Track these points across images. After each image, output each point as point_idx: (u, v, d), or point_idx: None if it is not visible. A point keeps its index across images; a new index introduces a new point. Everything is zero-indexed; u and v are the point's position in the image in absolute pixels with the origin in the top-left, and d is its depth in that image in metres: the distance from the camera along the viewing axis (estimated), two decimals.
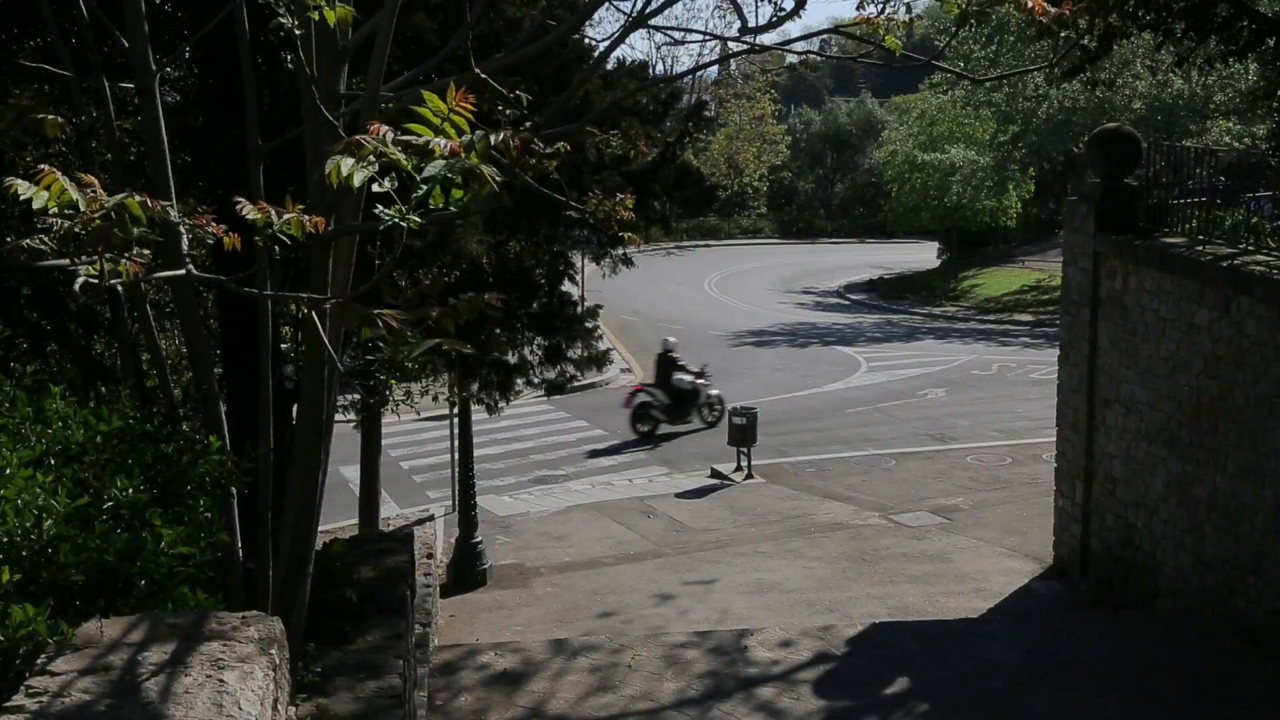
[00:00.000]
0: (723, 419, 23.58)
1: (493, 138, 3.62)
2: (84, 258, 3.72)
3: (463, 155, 3.51)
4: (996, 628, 12.77)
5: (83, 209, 3.50)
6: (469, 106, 3.62)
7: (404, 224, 3.71)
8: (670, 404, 24.72)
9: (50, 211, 3.52)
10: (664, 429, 24.62)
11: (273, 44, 10.24)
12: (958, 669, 11.04)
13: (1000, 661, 11.22)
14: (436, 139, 3.54)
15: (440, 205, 3.68)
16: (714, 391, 25.38)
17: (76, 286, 3.67)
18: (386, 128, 3.62)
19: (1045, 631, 12.32)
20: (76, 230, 3.52)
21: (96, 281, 3.68)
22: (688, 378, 25.01)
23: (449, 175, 3.51)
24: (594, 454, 23.38)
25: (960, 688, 10.66)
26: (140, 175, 11.06)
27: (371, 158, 3.57)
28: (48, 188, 3.48)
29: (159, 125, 6.48)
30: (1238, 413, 11.47)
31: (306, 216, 4.03)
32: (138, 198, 3.61)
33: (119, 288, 7.99)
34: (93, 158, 8.16)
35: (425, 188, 3.59)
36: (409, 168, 3.56)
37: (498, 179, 3.56)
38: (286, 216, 3.93)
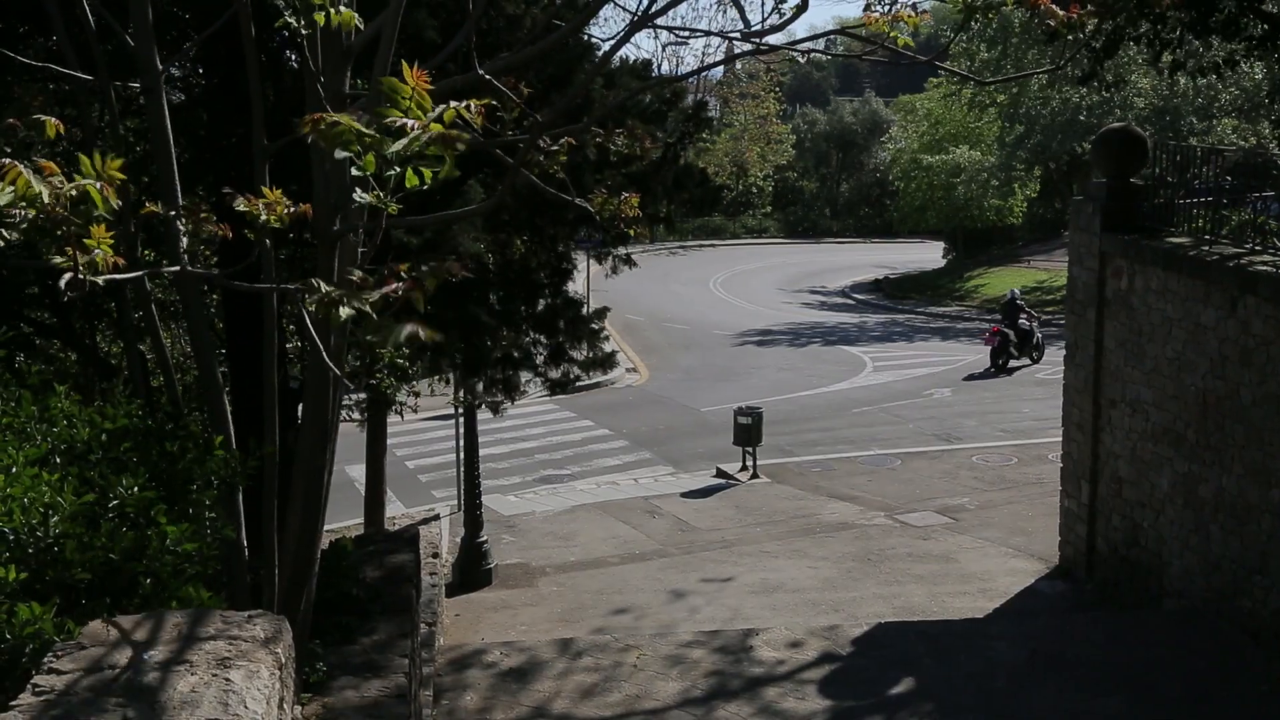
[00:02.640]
0: (1043, 357, 29.88)
1: (457, 108, 3.64)
2: (55, 251, 3.73)
3: (429, 127, 3.54)
4: (1002, 628, 12.75)
5: (46, 200, 3.50)
6: (426, 84, 3.66)
7: (383, 208, 3.76)
8: (1017, 341, 29.86)
9: (19, 205, 3.52)
10: (1013, 363, 29.85)
11: (277, 43, 10.25)
12: (963, 669, 11.03)
13: (1005, 661, 11.21)
14: (406, 119, 3.57)
15: (415, 186, 3.71)
16: (1039, 334, 30.49)
17: (62, 283, 3.67)
18: (361, 112, 3.66)
19: (1050, 631, 12.30)
20: (39, 221, 3.53)
21: (81, 277, 3.68)
22: (1026, 321, 30.23)
23: (415, 150, 3.54)
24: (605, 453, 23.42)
25: (965, 687, 10.65)
26: (145, 174, 11.08)
27: (353, 139, 3.60)
28: (13, 182, 3.47)
29: (165, 125, 6.48)
30: (1244, 413, 11.44)
31: (296, 205, 4.06)
32: (98, 185, 3.61)
33: (126, 287, 8.01)
34: (99, 157, 8.16)
35: (397, 169, 3.62)
36: (388, 150, 3.58)
37: (460, 145, 3.58)
38: (271, 201, 3.96)
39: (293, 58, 10.87)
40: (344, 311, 3.90)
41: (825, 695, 10.56)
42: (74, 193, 3.55)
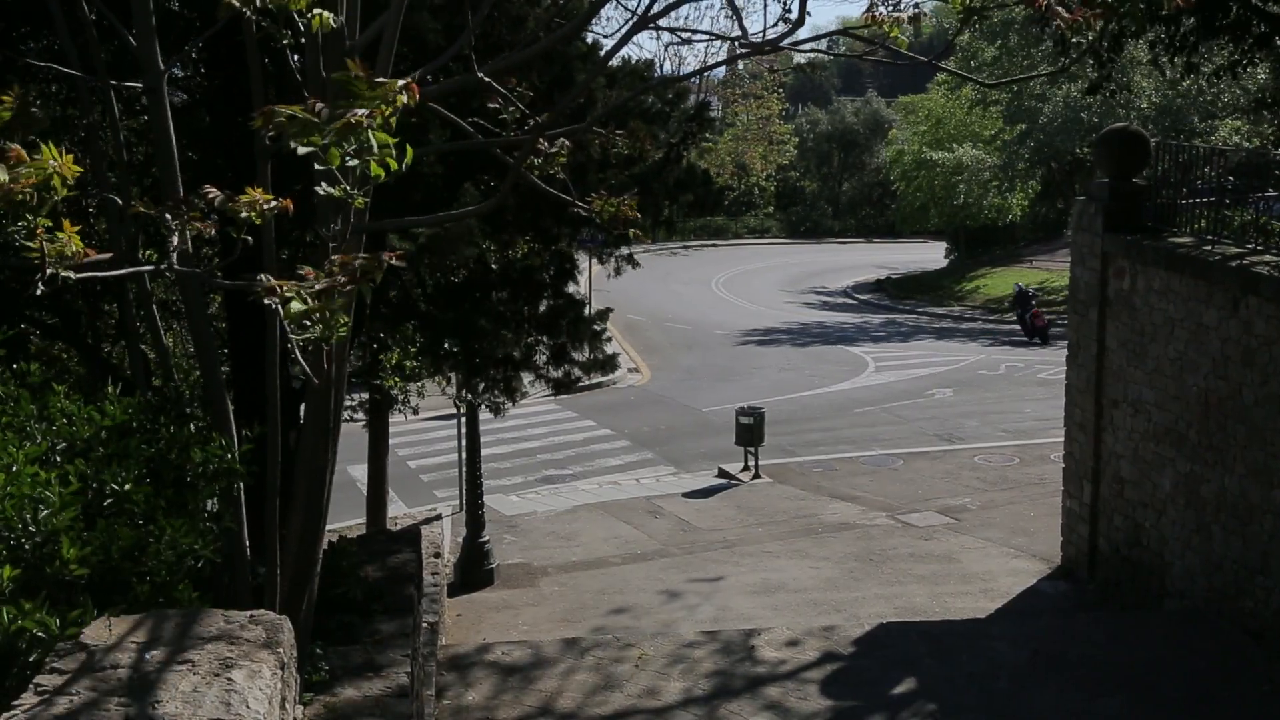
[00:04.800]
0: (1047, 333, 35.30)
1: (402, 97, 3.66)
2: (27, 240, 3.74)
3: (374, 116, 3.56)
4: (1003, 628, 12.75)
5: (8, 184, 3.51)
6: (366, 74, 3.70)
7: (350, 200, 3.79)
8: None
9: None
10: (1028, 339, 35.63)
11: (280, 43, 10.24)
12: (964, 669, 11.03)
13: (1007, 661, 11.20)
14: (357, 110, 3.59)
15: (380, 176, 3.74)
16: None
17: (38, 278, 3.68)
18: (322, 104, 3.67)
19: (1052, 632, 12.29)
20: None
21: (55, 272, 3.69)
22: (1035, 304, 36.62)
23: (355, 136, 3.57)
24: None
25: (967, 688, 10.65)
26: (148, 174, 11.10)
27: (318, 135, 3.62)
28: None
29: (167, 125, 6.49)
30: (1246, 413, 11.44)
31: (277, 200, 4.07)
32: (55, 165, 3.63)
33: (129, 286, 8.02)
34: (101, 157, 8.18)
35: (357, 161, 3.64)
36: (320, 139, 3.60)
37: (376, 135, 3.60)
38: (253, 199, 3.97)
39: (296, 58, 10.87)
40: (295, 306, 3.93)
41: (827, 695, 10.56)
42: (35, 178, 3.56)
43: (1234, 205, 13.08)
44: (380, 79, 3.64)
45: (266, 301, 3.94)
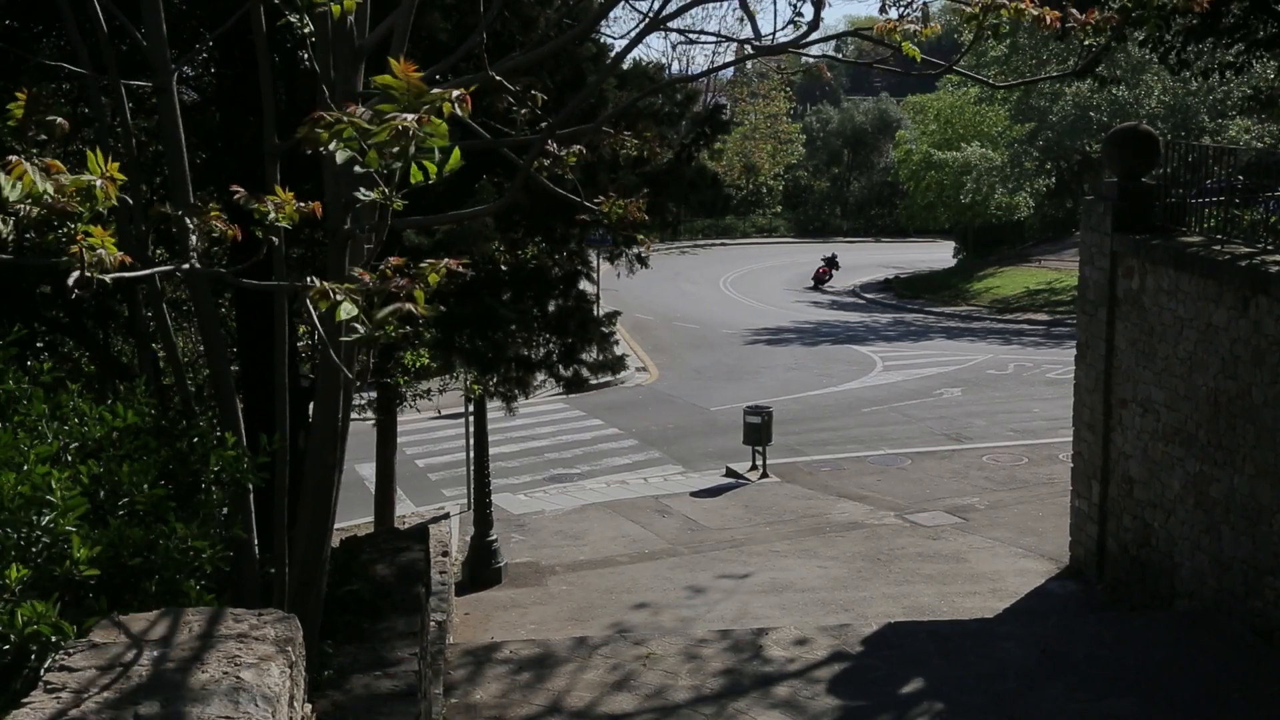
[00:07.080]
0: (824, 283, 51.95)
1: (443, 94, 3.62)
2: (60, 245, 3.76)
3: (422, 123, 3.52)
4: (1011, 628, 12.73)
5: (52, 196, 3.52)
6: (415, 75, 3.65)
7: (388, 204, 3.77)
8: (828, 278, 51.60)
9: (25, 201, 3.54)
10: (824, 287, 51.27)
11: (290, 42, 10.27)
12: (972, 669, 11.02)
13: (1015, 661, 11.19)
14: (404, 114, 3.55)
15: (420, 181, 3.70)
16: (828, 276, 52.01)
17: (70, 281, 3.69)
18: (361, 108, 3.65)
19: (1060, 632, 12.27)
20: (37, 215, 3.55)
21: (88, 275, 3.70)
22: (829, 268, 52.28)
23: (402, 140, 3.52)
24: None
25: (975, 687, 10.64)
26: (158, 173, 11.12)
27: (354, 136, 3.59)
28: (19, 178, 3.49)
29: (177, 124, 6.51)
30: (1255, 413, 11.41)
31: (303, 203, 4.06)
32: (99, 181, 3.64)
33: (139, 287, 8.04)
34: (110, 155, 8.20)
35: (399, 164, 3.61)
36: (372, 140, 3.56)
37: (438, 133, 3.57)
38: (280, 200, 3.96)
39: (305, 56, 10.90)
40: (344, 310, 3.91)
41: (835, 694, 10.55)
42: (76, 189, 3.57)
43: (1244, 204, 13.05)
44: (436, 90, 3.60)
45: (315, 305, 3.93)
